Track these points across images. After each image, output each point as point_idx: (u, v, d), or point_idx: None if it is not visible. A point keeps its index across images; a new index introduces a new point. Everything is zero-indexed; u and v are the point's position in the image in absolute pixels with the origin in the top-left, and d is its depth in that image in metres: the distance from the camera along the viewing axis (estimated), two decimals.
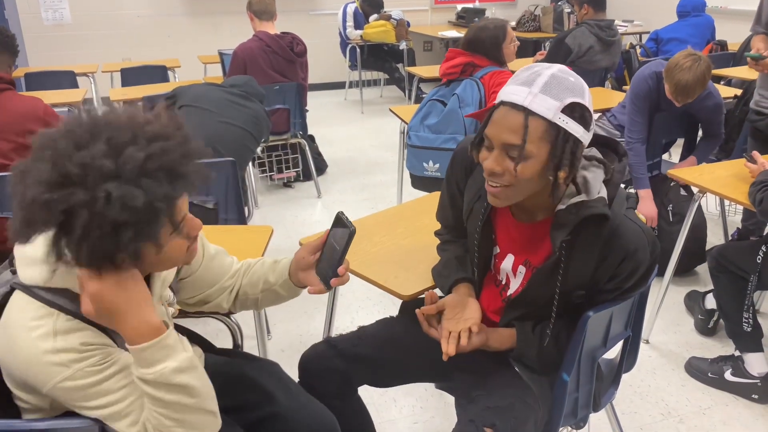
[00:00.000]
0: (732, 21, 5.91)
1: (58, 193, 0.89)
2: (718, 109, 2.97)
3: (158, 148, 0.94)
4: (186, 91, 2.74)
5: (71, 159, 0.90)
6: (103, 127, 0.94)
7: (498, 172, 1.17)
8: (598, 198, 1.20)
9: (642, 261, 1.25)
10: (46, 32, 6.46)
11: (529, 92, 1.13)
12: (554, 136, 1.13)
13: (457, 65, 2.80)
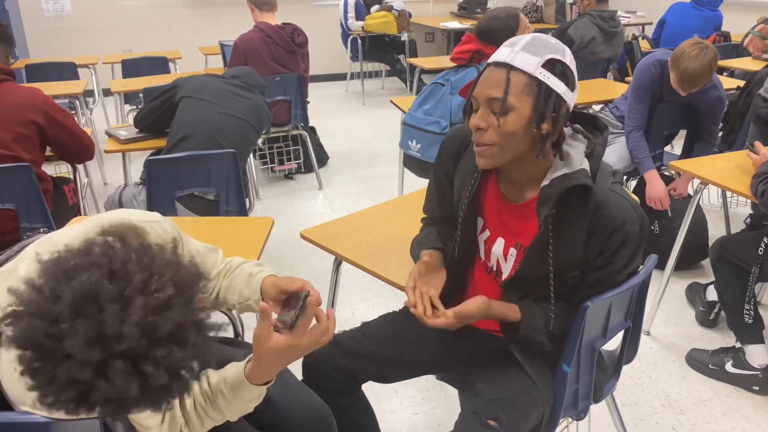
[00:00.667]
0: (735, 12, 5.87)
1: (88, 410, 0.86)
2: (720, 102, 2.95)
3: (178, 359, 0.86)
4: (187, 83, 2.73)
5: (94, 387, 0.83)
6: (112, 340, 0.83)
7: (483, 127, 1.20)
8: (580, 170, 1.22)
9: (631, 234, 1.24)
10: (46, 24, 6.45)
11: (512, 50, 1.19)
12: (536, 91, 1.17)
13: (466, 51, 2.81)
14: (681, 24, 4.99)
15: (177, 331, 0.86)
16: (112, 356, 0.82)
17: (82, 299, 0.84)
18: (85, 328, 0.82)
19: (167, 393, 0.88)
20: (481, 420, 1.29)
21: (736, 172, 2.30)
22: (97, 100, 5.04)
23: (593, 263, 1.28)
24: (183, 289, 0.89)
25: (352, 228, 1.91)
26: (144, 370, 0.83)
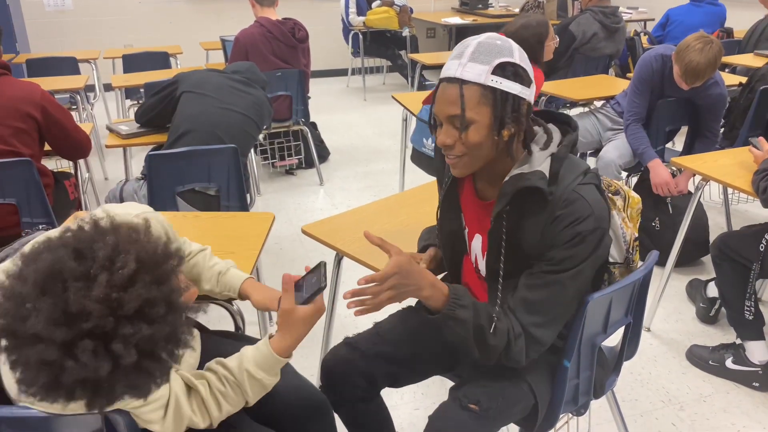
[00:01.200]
0: (738, 8, 5.86)
1: (62, 393, 0.87)
2: (722, 99, 2.95)
3: (146, 335, 0.86)
4: (188, 77, 2.72)
5: (63, 368, 0.84)
6: (79, 319, 0.84)
7: (449, 144, 1.21)
8: (536, 171, 1.21)
9: (582, 232, 1.20)
10: (47, 18, 6.44)
11: (459, 63, 1.18)
12: (492, 99, 1.18)
13: None
14: (684, 21, 4.98)
15: (145, 307, 0.86)
16: (79, 335, 0.82)
17: (45, 278, 0.85)
18: (49, 306, 0.83)
19: (146, 375, 0.88)
20: (461, 403, 1.31)
21: (738, 169, 2.30)
22: (98, 95, 5.04)
23: (543, 257, 1.24)
24: (150, 265, 0.89)
25: (353, 223, 1.91)
26: (113, 348, 0.83)
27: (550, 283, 1.24)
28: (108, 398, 0.89)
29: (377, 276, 1.19)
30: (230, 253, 1.66)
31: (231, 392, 1.19)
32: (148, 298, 0.86)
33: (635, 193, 1.45)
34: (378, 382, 1.53)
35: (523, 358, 1.27)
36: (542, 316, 1.25)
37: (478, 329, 1.24)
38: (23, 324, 0.83)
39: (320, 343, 2.11)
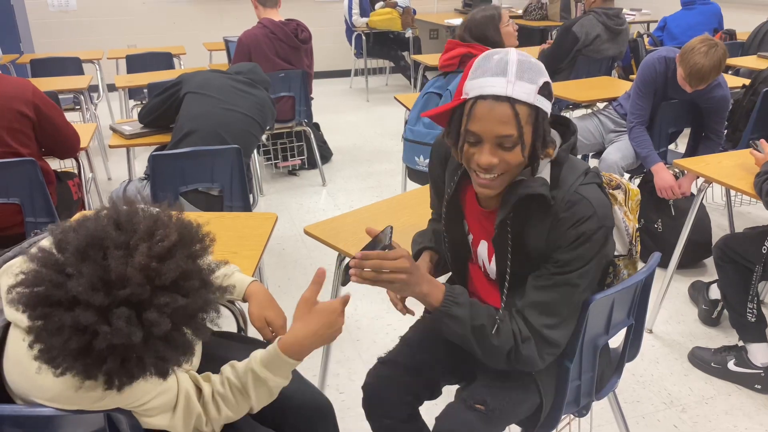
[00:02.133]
0: (741, 10, 5.85)
1: (91, 360, 0.88)
2: (725, 102, 2.95)
3: (182, 305, 0.90)
4: (191, 78, 2.73)
5: (97, 333, 0.86)
6: (118, 285, 0.87)
7: (496, 164, 1.17)
8: (537, 177, 1.21)
9: (587, 232, 1.20)
10: (51, 18, 6.45)
11: (507, 81, 1.13)
12: (535, 117, 1.16)
13: (454, 56, 2.73)
14: (680, 24, 4.99)
15: (180, 280, 0.89)
16: (116, 302, 0.85)
17: (87, 245, 0.88)
18: (90, 271, 0.86)
19: (173, 349, 0.90)
20: (467, 403, 1.31)
21: (740, 171, 2.30)
22: (101, 95, 5.05)
23: (550, 258, 1.24)
24: (187, 241, 0.93)
25: (356, 224, 1.92)
26: (147, 317, 0.85)
27: (559, 284, 1.24)
28: (132, 371, 0.90)
29: (391, 254, 1.18)
30: (233, 253, 1.66)
31: (231, 396, 1.18)
32: (185, 270, 0.89)
33: (634, 185, 1.45)
34: (420, 397, 1.51)
35: (537, 361, 1.26)
36: (554, 317, 1.25)
37: (478, 329, 1.24)
38: (61, 288, 0.86)
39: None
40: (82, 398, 1.00)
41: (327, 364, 2.12)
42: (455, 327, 1.24)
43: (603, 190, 1.28)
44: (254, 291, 1.42)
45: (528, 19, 6.86)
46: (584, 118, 3.35)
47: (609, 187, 1.41)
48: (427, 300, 1.24)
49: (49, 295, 0.86)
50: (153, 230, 0.91)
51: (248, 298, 1.42)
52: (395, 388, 1.47)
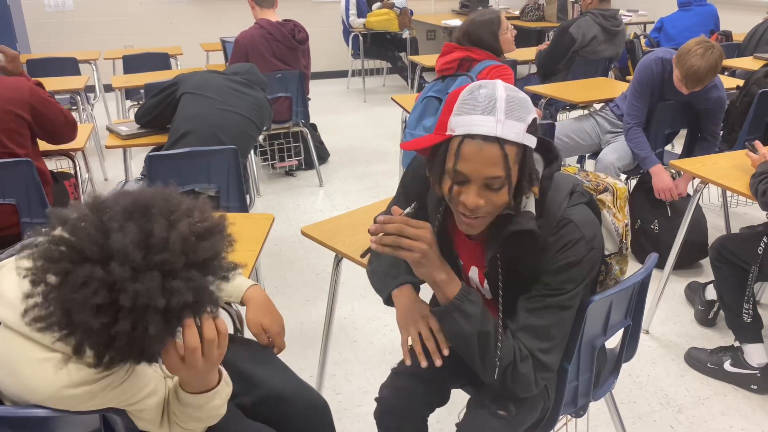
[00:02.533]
0: (737, 11, 5.87)
1: (108, 319, 0.87)
2: (721, 103, 2.96)
3: (203, 285, 0.93)
4: (188, 79, 2.73)
5: (125, 288, 0.87)
6: (157, 248, 0.90)
7: (482, 206, 1.14)
8: (524, 212, 1.19)
9: (572, 260, 1.19)
10: (48, 19, 6.44)
11: (496, 120, 1.09)
12: (522, 155, 1.14)
13: (453, 60, 2.71)
14: (676, 25, 5.01)
15: (210, 261, 0.93)
16: (151, 265, 0.88)
17: (135, 207, 0.93)
18: (134, 229, 0.89)
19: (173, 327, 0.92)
20: (491, 410, 1.30)
21: (736, 172, 2.31)
22: (98, 96, 5.04)
23: (540, 281, 1.23)
24: (220, 227, 0.98)
25: (353, 224, 1.92)
26: (173, 285, 0.88)
27: (550, 306, 1.22)
28: (136, 342, 0.89)
29: (413, 221, 1.16)
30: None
31: (173, 414, 1.17)
32: (216, 254, 0.94)
33: (621, 183, 1.45)
34: (433, 405, 1.49)
35: (532, 384, 1.24)
36: (547, 341, 1.23)
37: (484, 335, 1.21)
38: (103, 240, 0.88)
39: (319, 344, 2.11)
40: (74, 398, 1.00)
41: (324, 365, 2.12)
42: (464, 324, 1.21)
43: (592, 204, 1.27)
44: (252, 296, 1.41)
45: (525, 20, 6.87)
46: (581, 119, 3.35)
47: (596, 192, 1.40)
48: (442, 289, 1.22)
49: (83, 249, 0.88)
50: (192, 209, 0.96)
51: (246, 302, 1.42)
52: (412, 399, 1.44)
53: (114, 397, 1.04)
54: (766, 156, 2.17)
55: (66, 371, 0.99)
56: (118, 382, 1.03)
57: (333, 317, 2.04)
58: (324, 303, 2.67)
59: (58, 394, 0.99)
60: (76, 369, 1.00)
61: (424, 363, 1.29)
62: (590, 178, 1.43)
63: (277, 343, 1.43)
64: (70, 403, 1.01)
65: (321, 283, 2.99)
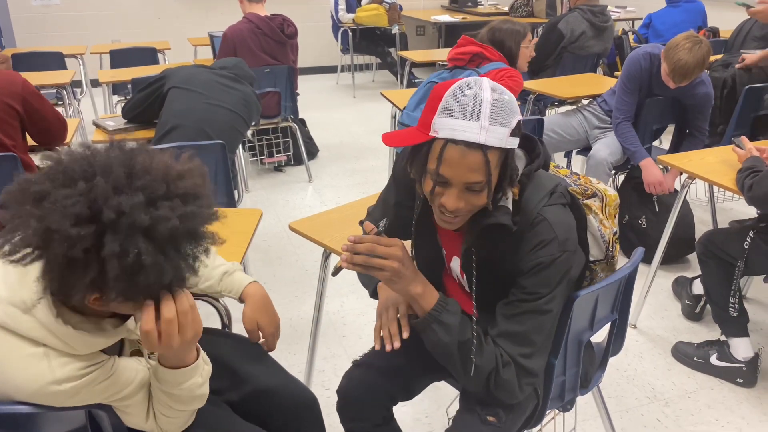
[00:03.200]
0: (724, 8, 5.90)
1: (87, 231, 0.86)
2: (708, 99, 2.98)
3: (189, 212, 0.93)
4: (175, 73, 2.71)
5: (108, 201, 0.87)
6: (140, 173, 0.93)
7: (462, 208, 1.15)
8: (499, 207, 1.18)
9: (543, 260, 1.18)
10: (34, 13, 6.37)
11: (480, 126, 1.07)
12: (504, 158, 1.13)
13: (466, 53, 2.75)
14: (665, 21, 5.04)
15: (191, 195, 0.95)
16: (136, 188, 0.91)
17: (119, 148, 0.98)
18: (117, 155, 0.95)
19: (168, 264, 0.91)
20: (480, 417, 1.29)
21: (723, 167, 2.32)
22: (84, 91, 4.99)
23: (516, 284, 1.23)
24: (200, 172, 1.01)
25: (341, 220, 1.91)
26: (157, 212, 0.90)
27: (529, 312, 1.21)
28: (127, 264, 0.87)
29: (384, 239, 1.16)
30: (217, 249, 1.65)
31: (156, 402, 1.16)
32: (198, 190, 0.97)
33: (612, 190, 1.45)
34: (396, 398, 1.50)
35: (516, 390, 1.24)
36: (529, 346, 1.22)
37: (464, 343, 1.21)
38: (90, 159, 0.92)
39: (308, 340, 2.11)
40: (59, 394, 0.99)
41: (313, 360, 2.12)
42: (442, 335, 1.21)
43: (575, 207, 1.26)
44: (252, 292, 1.41)
45: (514, 16, 6.87)
46: (568, 114, 3.36)
47: (583, 197, 1.39)
48: (419, 302, 1.22)
49: (72, 166, 0.91)
50: (172, 159, 1.00)
51: (245, 298, 1.41)
52: (369, 391, 1.47)
53: (99, 392, 1.03)
54: (752, 151, 2.19)
55: (50, 367, 0.98)
56: (103, 378, 1.03)
57: (322, 313, 2.03)
58: (313, 299, 2.67)
59: (43, 391, 0.98)
60: (60, 365, 0.99)
61: (388, 347, 1.31)
62: (580, 182, 1.42)
63: (269, 344, 1.43)
64: (55, 400, 1.00)
65: (310, 278, 2.98)
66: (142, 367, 1.13)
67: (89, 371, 1.01)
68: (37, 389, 0.98)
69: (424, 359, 1.46)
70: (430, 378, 1.57)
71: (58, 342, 0.98)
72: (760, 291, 2.80)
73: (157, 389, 1.11)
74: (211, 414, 1.27)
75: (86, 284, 0.89)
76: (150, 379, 1.14)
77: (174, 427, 1.16)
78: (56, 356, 0.99)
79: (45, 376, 0.98)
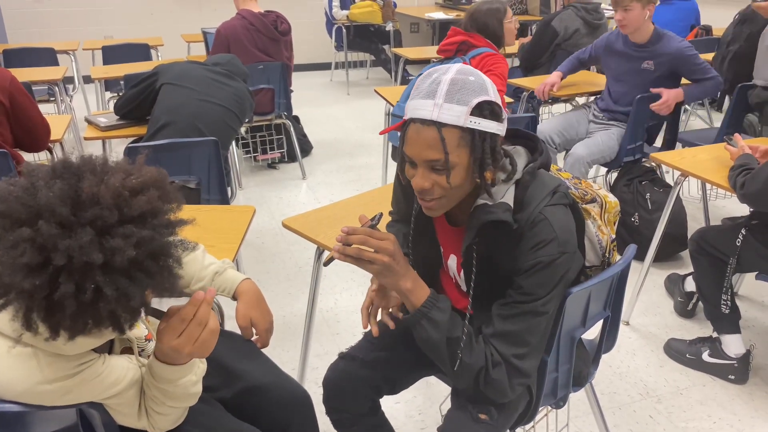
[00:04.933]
0: (717, 7, 5.92)
1: (41, 280, 0.84)
2: (685, 47, 2.92)
3: (147, 237, 0.89)
4: (168, 69, 2.69)
5: (56, 246, 0.84)
6: (86, 204, 0.87)
7: (428, 188, 1.16)
8: (500, 203, 1.18)
9: (543, 259, 1.17)
10: (25, 8, 6.33)
11: (434, 104, 1.11)
12: (470, 140, 1.13)
13: (453, 42, 2.84)
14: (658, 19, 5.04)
15: (149, 216, 0.91)
16: (83, 222, 0.85)
17: (63, 166, 0.92)
18: (62, 186, 0.88)
19: (135, 286, 0.88)
20: (472, 415, 1.29)
21: (716, 165, 2.33)
22: (77, 87, 4.96)
23: (514, 284, 1.22)
24: (160, 184, 0.96)
25: (335, 217, 1.91)
26: (111, 243, 0.85)
27: (525, 313, 1.21)
28: (87, 306, 0.86)
29: (377, 233, 1.16)
30: (209, 246, 1.64)
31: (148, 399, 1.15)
32: (155, 208, 0.92)
33: (612, 197, 1.44)
34: (381, 391, 1.51)
35: (506, 389, 1.24)
36: (522, 346, 1.22)
37: (453, 340, 1.21)
38: (31, 199, 0.86)
39: (301, 337, 2.11)
40: (49, 393, 0.99)
41: (306, 358, 2.12)
42: (432, 332, 1.21)
43: (574, 209, 1.26)
44: (245, 289, 1.40)
45: None
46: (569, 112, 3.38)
47: (583, 201, 1.38)
48: (409, 298, 1.22)
49: (10, 212, 0.86)
50: (129, 171, 0.95)
51: (238, 295, 1.40)
52: (352, 382, 1.48)
53: (90, 390, 1.02)
54: (744, 149, 2.20)
55: (39, 367, 0.97)
56: (93, 376, 1.02)
57: (315, 310, 2.03)
58: (306, 296, 2.66)
59: (33, 390, 0.97)
60: (49, 364, 0.98)
61: (375, 330, 1.33)
62: (581, 186, 1.41)
63: (262, 341, 1.42)
64: (45, 399, 0.99)
65: (303, 275, 2.98)
66: (132, 365, 1.12)
67: (79, 370, 1.00)
68: (26, 388, 0.97)
69: (413, 354, 1.47)
70: (419, 373, 1.58)
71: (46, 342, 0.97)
72: (751, 288, 2.82)
73: (151, 385, 1.11)
74: (203, 411, 1.26)
75: (53, 324, 0.88)
76: (142, 376, 1.14)
77: (166, 424, 1.16)
78: (45, 355, 0.98)
79: (34, 375, 0.97)
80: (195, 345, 1.02)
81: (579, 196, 1.39)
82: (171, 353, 1.05)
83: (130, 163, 1.00)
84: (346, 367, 1.50)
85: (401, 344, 1.51)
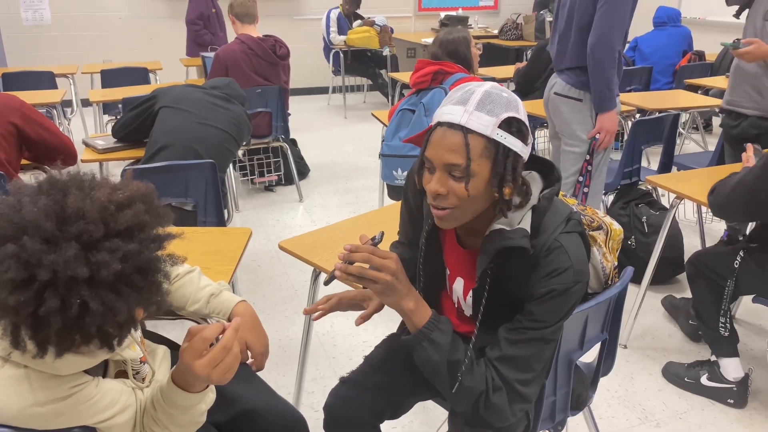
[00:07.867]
0: (709, 32, 6.00)
1: (27, 296, 0.84)
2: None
3: (133, 251, 0.89)
4: (166, 93, 2.71)
5: (40, 261, 0.83)
6: (72, 218, 0.87)
7: (443, 194, 1.15)
8: (518, 229, 1.17)
9: (557, 288, 1.16)
10: (25, 33, 6.38)
11: (465, 110, 1.12)
12: (494, 152, 1.12)
13: (427, 74, 2.81)
14: (651, 44, 5.12)
15: (135, 229, 0.90)
16: (68, 237, 0.85)
17: (49, 183, 0.91)
18: (46, 201, 0.88)
19: (122, 301, 0.87)
20: None
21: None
22: (75, 110, 4.99)
23: (525, 310, 1.21)
24: (147, 199, 0.96)
25: (331, 239, 1.91)
26: (96, 257, 0.85)
27: (533, 339, 1.20)
28: (73, 321, 0.85)
29: (380, 251, 1.15)
30: (206, 268, 1.64)
31: (150, 419, 1.14)
32: (141, 222, 0.92)
33: (617, 225, 1.44)
34: (382, 416, 1.49)
35: (507, 413, 1.22)
36: (528, 372, 1.21)
37: (454, 363, 1.20)
38: (16, 215, 0.86)
39: (297, 360, 2.09)
40: (41, 416, 0.97)
41: (302, 382, 2.10)
42: (432, 354, 1.20)
43: (584, 236, 1.26)
44: (240, 312, 1.39)
45: (503, 39, 6.96)
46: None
47: (590, 228, 1.39)
48: (410, 318, 1.20)
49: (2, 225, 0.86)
50: (115, 186, 0.95)
51: (233, 318, 1.40)
52: (355, 407, 1.46)
53: (82, 413, 1.01)
54: (749, 161, 2.16)
55: (31, 389, 0.96)
56: (86, 399, 1.01)
57: (311, 333, 2.02)
58: (302, 319, 2.64)
59: (24, 413, 0.96)
60: (41, 386, 0.97)
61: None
62: (587, 213, 1.42)
63: (258, 364, 1.41)
64: (37, 422, 0.98)
65: (300, 298, 2.97)
66: (127, 388, 1.11)
67: (72, 392, 0.99)
68: (18, 411, 0.96)
69: (412, 377, 1.45)
70: (418, 396, 1.56)
71: (39, 362, 0.96)
72: (748, 312, 2.81)
73: (159, 408, 1.09)
74: None
75: (40, 340, 0.87)
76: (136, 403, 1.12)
77: None
78: (38, 377, 0.97)
79: (26, 397, 0.96)
80: (217, 369, 1.00)
81: (586, 223, 1.39)
82: (189, 375, 1.03)
83: None
84: (348, 393, 1.48)
85: (402, 367, 1.49)
